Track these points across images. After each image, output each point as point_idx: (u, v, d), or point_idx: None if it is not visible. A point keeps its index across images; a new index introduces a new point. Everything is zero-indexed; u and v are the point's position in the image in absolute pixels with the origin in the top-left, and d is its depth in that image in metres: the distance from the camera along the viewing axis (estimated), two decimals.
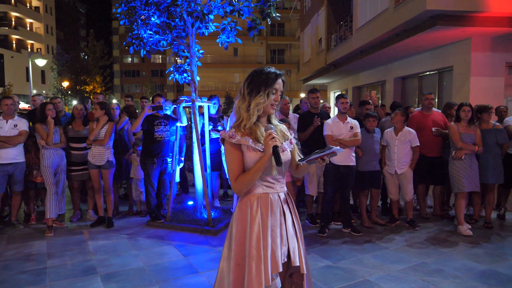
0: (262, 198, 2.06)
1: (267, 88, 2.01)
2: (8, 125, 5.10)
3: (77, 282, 3.65)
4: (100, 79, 30.65)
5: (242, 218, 2.06)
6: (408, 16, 9.23)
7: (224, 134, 2.03)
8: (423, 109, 5.88)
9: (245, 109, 2.04)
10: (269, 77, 2.02)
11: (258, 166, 1.96)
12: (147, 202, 5.42)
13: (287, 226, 2.09)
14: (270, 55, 38.17)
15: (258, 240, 1.98)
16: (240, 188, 2.02)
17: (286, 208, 2.13)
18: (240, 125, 2.04)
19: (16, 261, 4.16)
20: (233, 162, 2.02)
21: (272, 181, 2.08)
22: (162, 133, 5.33)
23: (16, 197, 5.29)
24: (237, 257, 2.03)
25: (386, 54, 12.22)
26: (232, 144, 2.00)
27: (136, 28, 5.27)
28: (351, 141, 4.99)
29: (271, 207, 2.05)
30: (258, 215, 2.02)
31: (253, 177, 1.98)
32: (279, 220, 2.07)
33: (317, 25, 19.16)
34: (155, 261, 4.14)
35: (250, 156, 2.00)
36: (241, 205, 2.08)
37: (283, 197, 2.13)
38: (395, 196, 5.52)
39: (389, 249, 4.51)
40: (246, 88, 2.04)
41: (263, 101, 2.01)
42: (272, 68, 2.07)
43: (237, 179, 2.01)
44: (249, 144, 1.99)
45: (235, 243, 2.05)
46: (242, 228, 2.05)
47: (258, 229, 2.00)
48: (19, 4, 38.72)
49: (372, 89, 17.15)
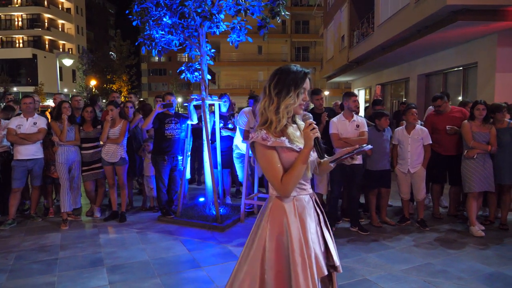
0: (298, 201, 1.97)
1: (297, 88, 1.90)
2: (28, 123, 5.35)
3: (85, 272, 3.82)
4: (126, 78, 31.50)
5: (278, 223, 1.93)
6: (428, 12, 9.01)
7: (256, 137, 1.90)
8: (436, 111, 5.75)
9: (274, 111, 1.91)
10: (298, 76, 1.92)
11: (301, 160, 1.86)
12: (158, 198, 5.57)
13: (322, 227, 2.05)
14: (294, 53, 37.98)
15: (301, 246, 1.90)
16: (288, 188, 1.89)
17: (317, 208, 2.08)
18: (270, 127, 1.92)
19: (31, 251, 4.38)
20: (273, 164, 1.89)
21: (304, 182, 2.00)
22: (172, 131, 5.45)
23: (35, 192, 5.55)
24: (277, 265, 1.90)
25: (409, 50, 11.95)
26: (267, 147, 1.89)
27: (148, 29, 5.41)
28: (357, 141, 4.93)
29: (307, 210, 1.98)
30: (296, 219, 1.93)
31: (300, 173, 1.87)
32: (315, 221, 2.02)
33: (340, 22, 18.93)
34: (160, 255, 4.26)
35: (286, 156, 1.90)
36: (275, 208, 1.96)
37: (313, 197, 2.07)
38: (406, 196, 5.42)
39: (395, 249, 4.46)
40: (274, 88, 1.92)
41: (293, 102, 1.91)
42: (298, 66, 1.98)
43: (282, 180, 1.88)
44: (286, 145, 1.89)
45: (272, 250, 1.91)
46: (278, 233, 1.92)
47: (299, 233, 1.91)
48: (52, 6, 40.26)
49: (394, 86, 16.83)
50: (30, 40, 39.32)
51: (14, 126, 5.27)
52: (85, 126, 5.66)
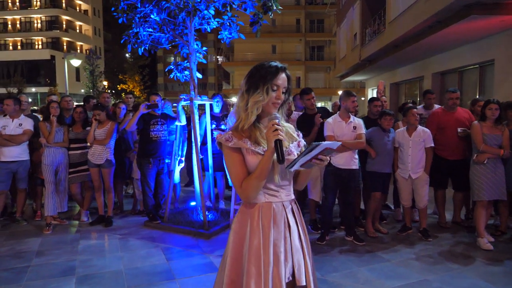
0: (264, 208, 1.82)
1: (265, 84, 1.77)
2: (13, 124, 5.21)
3: (52, 282, 3.61)
4: (138, 78, 31.63)
5: (241, 230, 1.85)
6: (440, 6, 8.52)
7: (221, 138, 1.82)
8: (446, 107, 5.31)
9: (244, 108, 1.81)
10: (268, 71, 1.79)
11: (262, 165, 1.72)
12: (144, 202, 5.36)
13: (292, 240, 1.84)
14: (309, 52, 37.43)
15: (258, 256, 1.76)
16: (247, 194, 1.78)
17: (292, 218, 1.88)
18: (239, 126, 1.82)
19: (5, 258, 4.21)
20: (235, 166, 1.79)
21: (275, 188, 1.84)
22: (158, 132, 5.22)
23: (20, 194, 5.41)
24: (231, 273, 1.82)
25: (422, 48, 11.43)
26: (230, 148, 1.79)
27: (134, 26, 5.18)
28: (354, 144, 4.58)
29: (274, 218, 1.82)
30: (259, 227, 1.80)
31: (259, 179, 1.74)
32: (283, 233, 1.83)
33: (352, 19, 18.45)
34: (136, 264, 4.02)
35: (251, 160, 1.78)
36: (240, 215, 1.88)
37: (288, 206, 1.88)
38: (407, 203, 5.03)
39: (390, 262, 4.09)
40: (245, 85, 1.83)
41: (262, 98, 1.77)
42: (275, 62, 1.84)
43: (242, 184, 1.78)
44: (248, 146, 1.77)
45: (230, 257, 1.84)
46: (239, 241, 1.84)
47: (259, 243, 1.78)
48: (69, 8, 40.94)
49: (409, 86, 16.26)
50: (48, 41, 40.09)
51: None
52: (75, 127, 5.49)
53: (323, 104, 31.93)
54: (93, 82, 31.31)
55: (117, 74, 31.85)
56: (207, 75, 54.48)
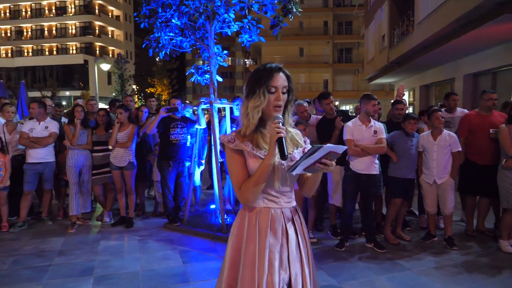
0: (262, 213, 1.80)
1: (261, 87, 1.75)
2: (40, 127, 5.39)
3: (71, 282, 3.69)
4: (167, 82, 32.20)
5: (238, 234, 1.84)
6: (472, 4, 8.18)
7: (223, 138, 1.81)
8: (481, 109, 5.06)
9: (245, 114, 1.80)
10: (262, 74, 1.76)
11: (262, 168, 1.69)
12: (164, 205, 5.41)
13: (290, 249, 1.80)
14: (337, 54, 36.91)
15: (253, 262, 1.74)
16: (246, 197, 1.76)
17: (291, 226, 1.83)
18: (241, 131, 1.81)
19: (29, 256, 4.35)
20: (235, 168, 1.78)
21: (275, 194, 1.81)
22: (178, 135, 5.26)
23: (46, 195, 5.58)
24: (229, 278, 1.81)
25: (453, 48, 11.02)
26: (232, 149, 1.78)
27: (156, 31, 5.26)
28: (375, 148, 4.44)
29: (272, 224, 1.79)
30: (255, 232, 1.78)
31: (258, 181, 1.71)
32: (280, 240, 1.79)
33: (380, 21, 18.08)
34: (152, 266, 4.06)
35: (252, 163, 1.76)
36: (239, 218, 1.87)
37: (288, 213, 1.84)
38: (432, 209, 4.84)
39: (411, 271, 3.93)
40: (245, 91, 1.83)
41: (260, 102, 1.75)
42: (270, 64, 1.81)
43: (242, 187, 1.76)
44: (249, 149, 1.75)
45: (228, 261, 1.83)
46: (237, 245, 1.82)
47: (254, 248, 1.75)
48: (102, 14, 42.27)
49: (439, 88, 15.75)
50: (82, 46, 41.54)
51: (26, 129, 5.33)
52: (98, 130, 5.62)
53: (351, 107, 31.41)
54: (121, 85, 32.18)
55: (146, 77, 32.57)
56: (234, 79, 54.82)
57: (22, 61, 40.94)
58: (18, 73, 39.95)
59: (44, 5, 41.85)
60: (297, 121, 4.61)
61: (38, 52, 42.53)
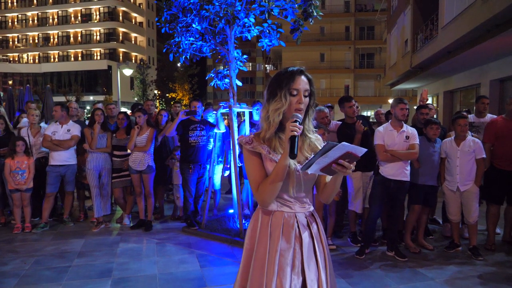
0: (275, 217, 1.79)
1: (283, 89, 1.72)
2: (62, 130, 5.51)
3: (89, 283, 3.72)
4: (188, 87, 32.55)
5: (251, 237, 1.84)
6: (498, 8, 7.96)
7: (241, 139, 1.81)
8: (507, 115, 4.89)
9: (265, 117, 1.78)
10: (283, 77, 1.74)
11: (277, 168, 1.67)
12: (184, 208, 5.43)
13: (304, 254, 1.76)
14: (358, 60, 36.52)
15: (262, 265, 1.72)
16: (263, 198, 1.74)
17: (305, 231, 1.79)
18: (260, 134, 1.80)
19: (50, 257, 4.42)
20: (253, 169, 1.78)
21: (288, 199, 1.80)
22: (196, 138, 5.28)
23: (68, 197, 5.68)
24: (242, 279, 1.81)
25: (479, 53, 10.72)
26: (249, 151, 1.78)
27: (176, 36, 5.31)
28: (406, 154, 4.32)
29: (284, 228, 1.77)
30: (267, 235, 1.77)
31: (275, 180, 1.68)
32: (293, 245, 1.76)
33: (403, 25, 17.80)
34: (170, 269, 4.06)
35: (268, 166, 1.75)
36: (253, 220, 1.87)
37: (302, 218, 1.81)
38: (456, 217, 4.69)
39: (434, 281, 3.80)
40: (265, 95, 1.81)
41: (281, 105, 1.72)
42: (292, 67, 1.79)
43: (259, 187, 1.75)
44: (265, 152, 1.75)
45: (242, 263, 1.84)
46: (250, 247, 1.83)
47: (265, 251, 1.75)
48: (126, 21, 43.22)
49: (464, 94, 15.35)
50: (106, 52, 42.57)
51: (49, 132, 5.46)
52: (118, 133, 5.70)
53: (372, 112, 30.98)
54: (143, 90, 32.72)
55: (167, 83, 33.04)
56: (255, 84, 55.04)
57: (49, 66, 42.32)
58: (45, 78, 41.27)
59: (70, 13, 43.12)
60: (316, 125, 4.55)
61: (63, 58, 43.83)
